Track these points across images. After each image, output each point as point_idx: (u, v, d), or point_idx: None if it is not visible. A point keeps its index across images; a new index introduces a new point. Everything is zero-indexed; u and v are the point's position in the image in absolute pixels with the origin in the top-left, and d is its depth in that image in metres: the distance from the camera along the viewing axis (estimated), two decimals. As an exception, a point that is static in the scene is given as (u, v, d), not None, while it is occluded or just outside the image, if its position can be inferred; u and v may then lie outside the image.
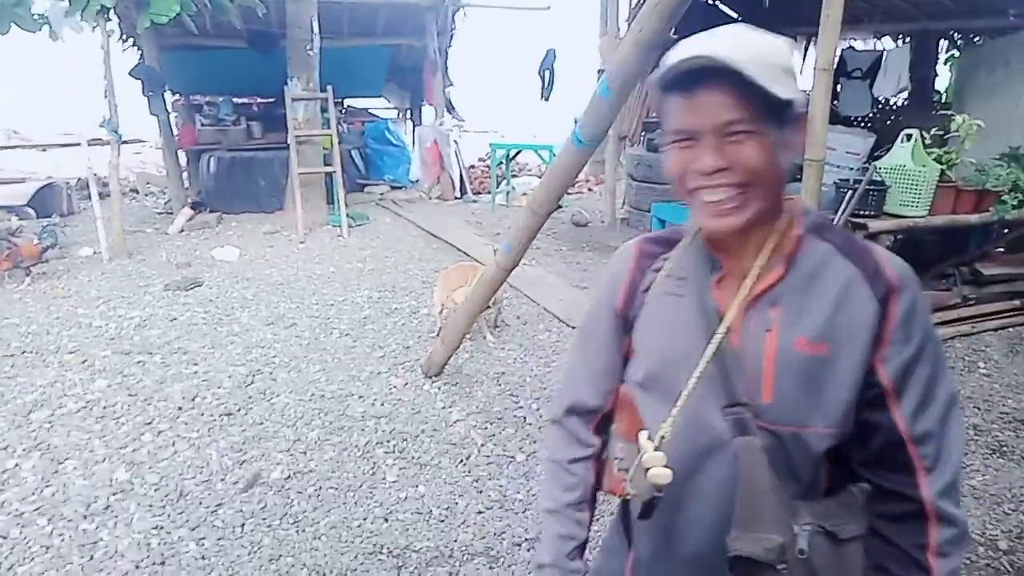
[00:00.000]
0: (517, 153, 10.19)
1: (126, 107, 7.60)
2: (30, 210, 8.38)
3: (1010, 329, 4.79)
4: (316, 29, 7.63)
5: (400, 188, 9.81)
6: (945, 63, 7.76)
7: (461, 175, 9.60)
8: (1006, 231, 5.17)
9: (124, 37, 8.86)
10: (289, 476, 3.16)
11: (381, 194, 9.43)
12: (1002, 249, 5.41)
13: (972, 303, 4.92)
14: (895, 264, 1.01)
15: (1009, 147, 5.01)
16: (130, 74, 8.09)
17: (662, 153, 1.04)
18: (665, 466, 1.00)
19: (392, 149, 10.01)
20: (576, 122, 2.43)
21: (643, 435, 1.04)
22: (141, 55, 8.75)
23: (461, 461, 3.29)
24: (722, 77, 0.92)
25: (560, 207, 3.12)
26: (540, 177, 9.30)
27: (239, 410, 3.72)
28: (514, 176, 10.07)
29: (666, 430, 1.03)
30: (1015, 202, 4.70)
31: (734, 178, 0.96)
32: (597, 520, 1.31)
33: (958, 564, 1.00)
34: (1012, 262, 5.25)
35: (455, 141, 9.48)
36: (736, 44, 0.94)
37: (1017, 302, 4.98)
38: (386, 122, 10.65)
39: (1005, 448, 3.39)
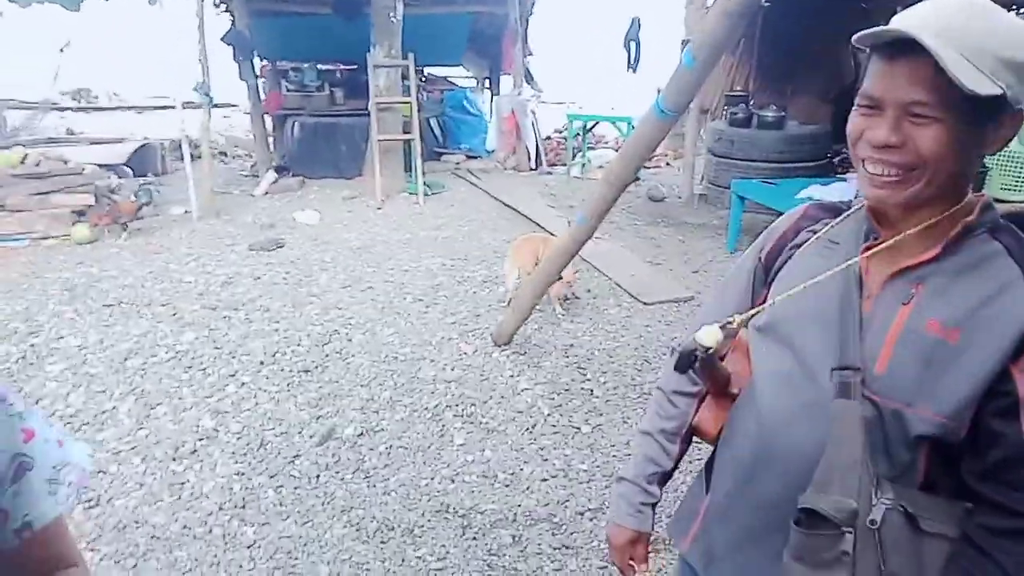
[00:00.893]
0: (594, 125, 10.07)
1: (218, 72, 7.90)
2: (128, 169, 8.83)
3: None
4: (400, -4, 7.70)
5: (476, 158, 9.85)
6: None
7: (537, 146, 9.56)
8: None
9: (218, 3, 9.15)
10: (362, 433, 3.28)
11: (457, 163, 9.50)
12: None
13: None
14: None
15: None
16: (222, 40, 8.36)
17: (745, 128, 1.02)
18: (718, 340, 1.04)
19: (469, 118, 10.05)
20: (659, 92, 2.40)
21: (713, 326, 1.09)
22: (233, 21, 9.03)
23: (527, 429, 3.34)
24: (924, 52, 0.88)
25: (637, 180, 3.09)
26: (616, 150, 9.19)
27: (316, 367, 3.87)
28: (591, 148, 9.95)
29: (739, 319, 1.08)
30: None
31: (902, 158, 0.94)
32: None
33: None
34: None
35: (532, 112, 9.44)
36: (955, 23, 0.90)
37: None
38: (465, 91, 10.69)
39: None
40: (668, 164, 10.15)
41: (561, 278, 3.99)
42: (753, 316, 1.11)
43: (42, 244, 5.99)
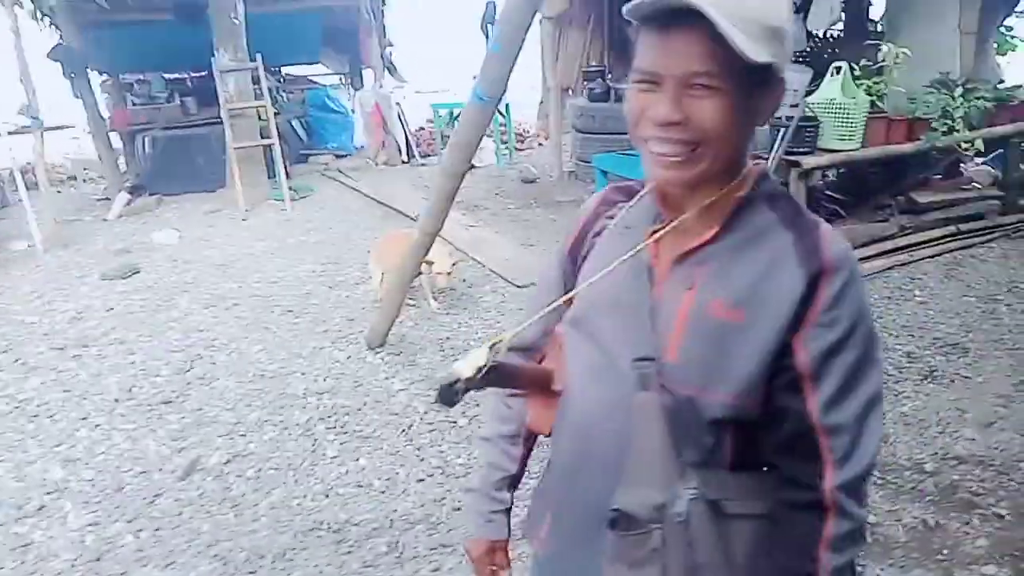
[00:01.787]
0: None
1: (50, 92, 7.30)
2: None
3: (946, 255, 4.88)
4: (241, -4, 7.35)
5: (345, 156, 9.60)
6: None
7: (407, 138, 9.42)
8: (939, 158, 5.23)
9: (40, 17, 8.44)
10: (228, 460, 3.13)
11: (325, 164, 9.23)
12: (939, 176, 5.48)
13: (909, 232, 4.99)
14: (835, 244, 0.95)
15: (939, 73, 5.03)
16: (48, 56, 7.74)
17: (604, 103, 0.99)
18: (488, 368, 0.96)
19: (334, 116, 9.78)
20: (475, 79, 2.38)
21: (504, 335, 1.03)
22: (60, 36, 8.36)
23: (403, 431, 3.28)
24: (698, 22, 0.85)
25: (473, 167, 3.07)
26: (491, 136, 9.18)
27: (177, 397, 3.66)
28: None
29: (507, 337, 1.01)
30: (945, 129, 4.74)
31: (686, 134, 0.91)
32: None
33: (850, 561, 0.97)
34: (946, 189, 5.34)
35: (397, 103, 9.28)
36: None
37: (952, 228, 5.07)
38: (326, 89, 10.38)
39: (936, 372, 3.48)
40: (541, 144, 10.24)
41: (444, 272, 3.94)
42: (516, 335, 1.07)
43: None
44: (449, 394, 0.94)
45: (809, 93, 5.03)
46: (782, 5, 0.91)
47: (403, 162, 9.32)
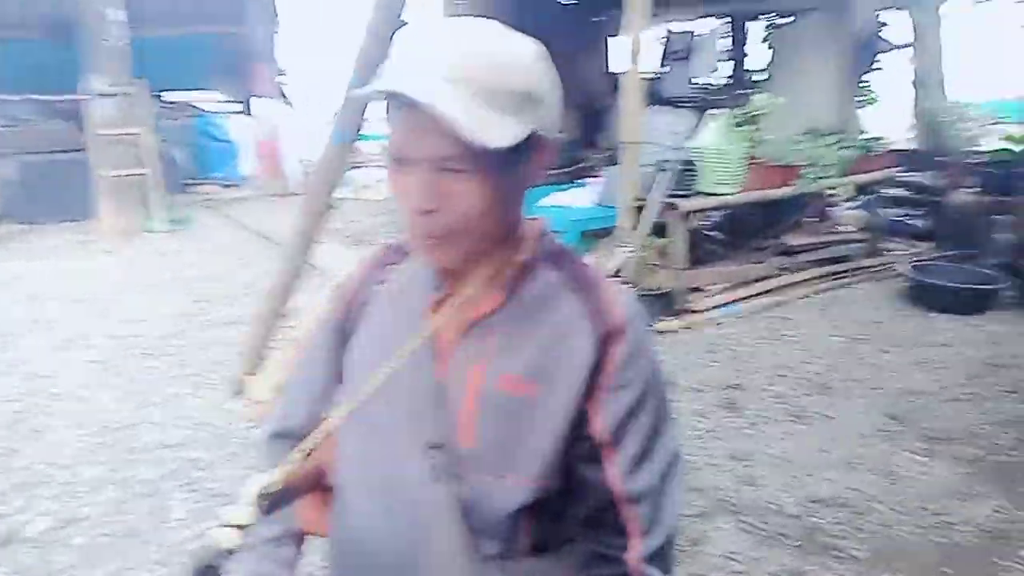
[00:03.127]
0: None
1: None
2: None
3: (817, 296, 5.08)
4: (121, 17, 6.96)
5: (231, 186, 9.22)
6: (763, 42, 8.18)
7: (299, 169, 9.15)
8: (811, 203, 5.48)
9: None
10: (56, 527, 2.79)
11: (208, 194, 8.83)
12: (811, 219, 5.75)
13: (784, 273, 5.18)
14: (623, 303, 0.90)
15: (810, 123, 5.30)
16: None
17: None
18: (241, 525, 0.82)
19: (220, 145, 9.41)
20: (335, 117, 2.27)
21: (255, 481, 0.88)
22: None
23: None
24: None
25: (332, 207, 2.94)
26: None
27: (5, 454, 3.27)
28: (356, 167, 9.71)
29: (277, 477, 0.88)
30: (814, 176, 4.98)
31: (443, 220, 0.82)
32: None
33: None
34: (818, 232, 5.59)
35: (289, 133, 9.01)
36: (455, 60, 0.77)
37: (823, 270, 5.30)
38: (212, 116, 9.98)
39: (804, 413, 3.55)
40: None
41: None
42: (287, 475, 0.92)
43: None
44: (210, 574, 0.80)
45: (690, 138, 5.19)
46: (530, 67, 0.83)
47: (294, 194, 9.03)
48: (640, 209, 4.77)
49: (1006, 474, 2.99)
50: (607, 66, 8.08)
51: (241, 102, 10.71)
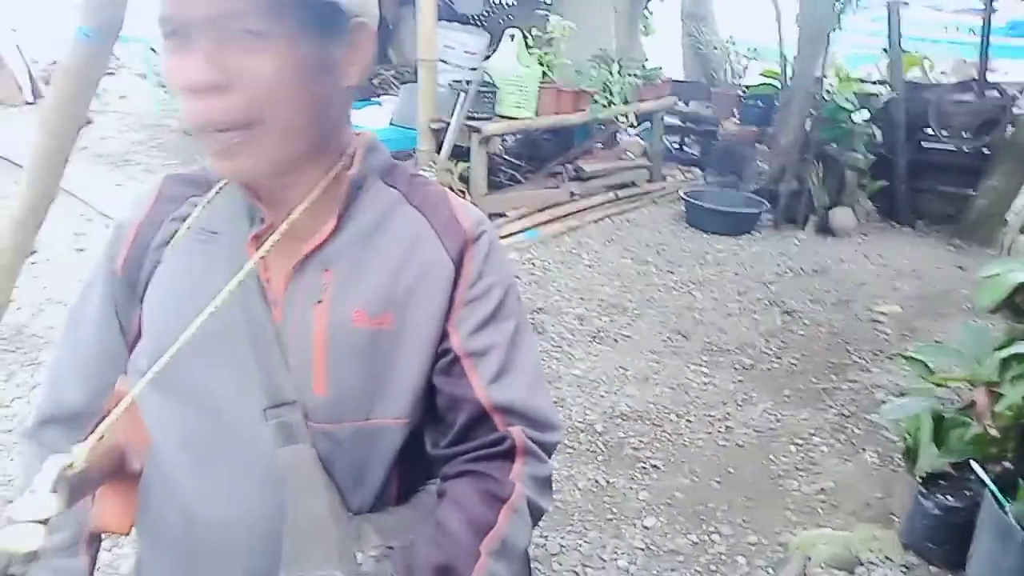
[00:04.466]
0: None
1: None
2: None
3: (607, 220, 5.32)
4: None
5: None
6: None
7: (30, 74, 7.72)
8: (602, 128, 5.67)
9: None
10: None
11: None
12: (601, 145, 5.96)
13: (577, 198, 5.34)
14: (470, 211, 0.83)
15: (599, 49, 5.41)
16: None
17: None
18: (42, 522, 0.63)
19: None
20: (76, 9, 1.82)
21: (52, 460, 0.68)
22: None
23: (6, 450, 2.58)
24: None
25: (89, 122, 2.46)
26: (145, 77, 7.93)
27: None
28: (110, 75, 8.39)
29: (80, 457, 0.69)
30: (605, 102, 5.12)
31: (233, 103, 0.64)
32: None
33: (537, 503, 0.81)
34: (607, 157, 5.82)
35: (13, 31, 7.52)
36: None
37: (612, 195, 5.55)
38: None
39: (602, 333, 3.73)
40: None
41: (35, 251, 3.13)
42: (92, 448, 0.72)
43: None
44: None
45: (487, 57, 5.07)
46: None
47: (27, 103, 7.62)
48: (438, 131, 4.62)
49: (773, 380, 3.38)
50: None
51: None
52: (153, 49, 7.60)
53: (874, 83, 5.82)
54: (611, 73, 5.21)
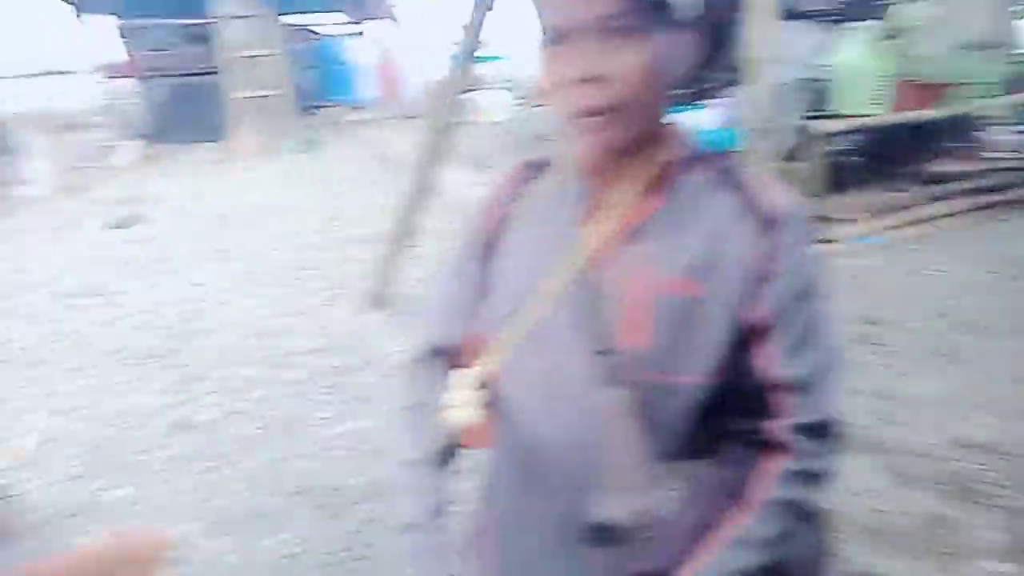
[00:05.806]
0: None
1: (62, 36, 7.17)
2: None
3: (966, 230, 4.69)
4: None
5: (354, 108, 9.43)
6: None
7: (422, 90, 9.22)
8: (966, 125, 5.01)
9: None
10: (218, 418, 3.07)
11: (336, 115, 9.08)
12: (963, 145, 5.27)
13: (929, 203, 4.81)
14: (779, 193, 0.89)
15: (968, 38, 4.78)
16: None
17: None
18: (474, 408, 0.86)
19: (342, 68, 9.58)
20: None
21: (457, 374, 0.91)
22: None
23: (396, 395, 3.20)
24: None
25: (460, 122, 2.95)
26: (508, 90, 8.97)
27: (171, 352, 3.60)
28: (472, 90, 9.68)
29: (487, 368, 0.90)
30: (970, 95, 4.53)
31: (605, 92, 0.80)
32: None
33: (796, 499, 0.88)
34: (970, 159, 5.13)
35: (414, 54, 9.06)
36: None
37: (975, 201, 4.87)
38: (339, 39, 10.15)
39: (950, 353, 3.34)
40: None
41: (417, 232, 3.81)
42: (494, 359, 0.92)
43: None
44: (450, 451, 0.86)
45: (828, 54, 4.82)
46: None
47: (409, 116, 9.13)
48: (769, 132, 4.51)
49: None
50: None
51: (358, 24, 10.84)
52: (505, 65, 8.57)
53: None
54: (982, 62, 4.57)
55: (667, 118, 0.90)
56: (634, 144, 0.85)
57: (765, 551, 0.86)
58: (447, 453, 1.08)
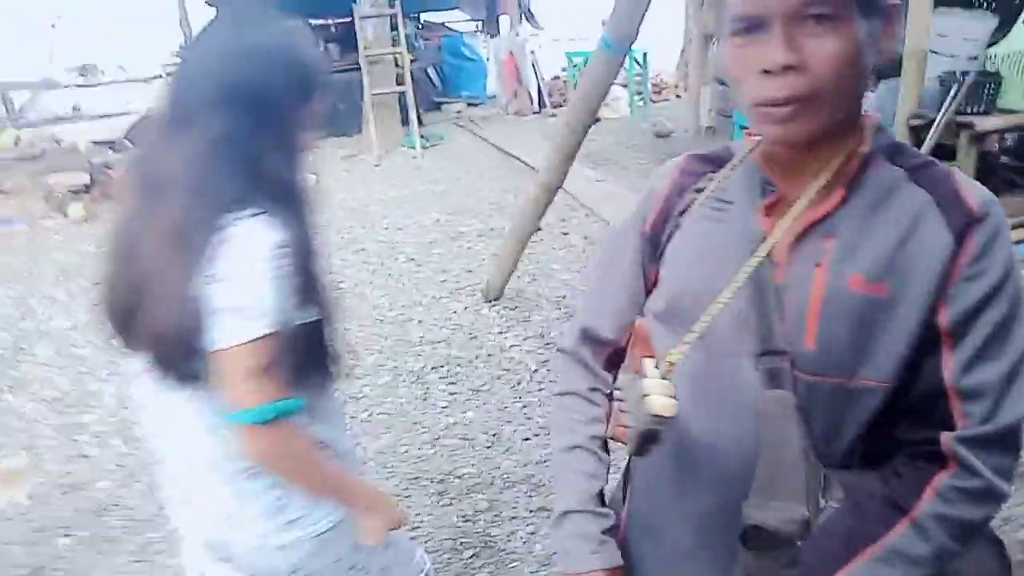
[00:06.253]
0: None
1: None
2: (129, 143, 8.77)
3: None
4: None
5: (477, 104, 9.59)
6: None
7: (539, 88, 9.26)
8: None
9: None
10: (343, 402, 3.22)
11: (458, 112, 9.27)
12: None
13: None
14: (977, 191, 0.83)
15: None
16: (207, 1, 8.16)
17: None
18: (672, 397, 0.84)
19: (468, 64, 9.75)
20: (603, 24, 2.21)
21: (648, 361, 0.89)
22: (218, -18, 8.80)
23: (512, 387, 3.25)
24: None
25: (598, 120, 2.91)
26: (625, 86, 8.85)
27: (301, 336, 3.80)
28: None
29: (676, 356, 0.87)
30: None
31: (802, 82, 0.77)
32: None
33: (960, 518, 0.82)
34: None
35: (532, 52, 9.11)
36: None
37: None
38: (462, 36, 10.36)
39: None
40: (679, 96, 9.77)
41: (540, 228, 3.83)
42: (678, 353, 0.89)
43: (39, 225, 5.99)
44: (651, 440, 0.85)
45: (992, 44, 4.42)
46: None
47: (534, 112, 9.19)
48: (919, 128, 4.20)
49: None
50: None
51: (487, 22, 11.00)
52: (638, 62, 8.44)
53: None
54: None
55: (859, 109, 0.86)
56: (824, 135, 0.82)
57: (918, 568, 0.81)
58: (605, 442, 1.09)
